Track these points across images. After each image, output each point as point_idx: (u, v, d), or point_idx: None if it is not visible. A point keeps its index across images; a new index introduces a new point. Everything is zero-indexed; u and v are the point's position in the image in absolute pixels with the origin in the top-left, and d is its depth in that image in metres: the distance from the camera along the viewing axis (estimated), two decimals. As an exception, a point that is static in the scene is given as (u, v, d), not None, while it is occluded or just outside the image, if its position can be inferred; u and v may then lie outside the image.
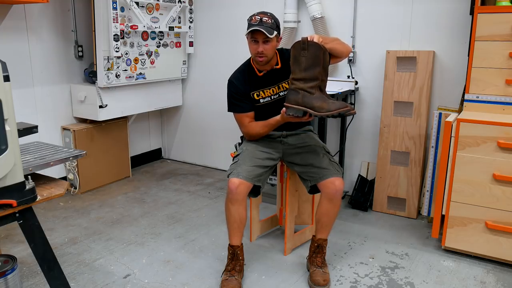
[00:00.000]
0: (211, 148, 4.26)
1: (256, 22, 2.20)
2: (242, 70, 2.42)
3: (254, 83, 2.36)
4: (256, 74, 2.38)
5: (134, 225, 2.99)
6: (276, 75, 2.37)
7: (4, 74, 1.42)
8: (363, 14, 3.23)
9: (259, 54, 2.25)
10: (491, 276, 2.37)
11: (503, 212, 2.35)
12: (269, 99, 2.38)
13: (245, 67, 2.42)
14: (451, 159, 2.44)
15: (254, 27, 2.19)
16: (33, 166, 1.71)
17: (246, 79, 2.37)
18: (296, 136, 2.48)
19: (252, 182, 2.24)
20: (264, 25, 2.19)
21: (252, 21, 2.23)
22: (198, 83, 4.19)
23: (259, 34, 2.21)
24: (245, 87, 2.36)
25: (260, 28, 2.17)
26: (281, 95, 2.38)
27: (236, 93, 2.38)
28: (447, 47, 2.97)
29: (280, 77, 2.37)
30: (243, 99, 2.37)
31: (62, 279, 1.79)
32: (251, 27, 2.20)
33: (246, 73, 2.39)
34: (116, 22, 3.27)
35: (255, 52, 2.26)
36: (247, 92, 2.37)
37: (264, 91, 2.38)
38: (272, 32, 2.21)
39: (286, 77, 2.32)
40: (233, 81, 2.39)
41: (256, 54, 2.26)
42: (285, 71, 2.34)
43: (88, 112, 3.53)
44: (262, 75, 2.37)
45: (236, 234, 2.28)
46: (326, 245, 2.38)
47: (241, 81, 2.38)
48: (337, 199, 2.27)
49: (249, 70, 2.39)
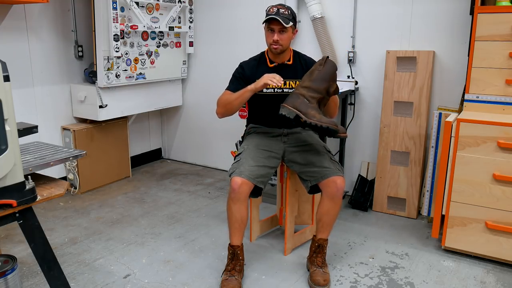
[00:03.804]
0: (211, 148, 4.26)
1: (273, 12, 2.28)
2: (255, 59, 2.50)
3: (263, 72, 2.38)
4: (267, 65, 2.44)
5: (134, 225, 2.99)
6: (285, 70, 2.42)
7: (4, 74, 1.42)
8: (363, 14, 3.23)
9: (274, 43, 2.32)
10: (491, 276, 2.37)
11: (503, 212, 2.36)
12: (272, 90, 2.40)
13: (259, 57, 2.50)
14: (451, 159, 2.44)
15: (271, 16, 2.25)
16: (33, 166, 1.71)
17: (255, 67, 2.44)
18: (297, 135, 2.48)
19: (254, 182, 2.23)
20: (281, 15, 2.26)
21: (269, 11, 2.30)
22: (198, 83, 4.19)
23: (275, 23, 2.28)
24: (253, 72, 2.40)
25: (276, 17, 2.24)
26: (285, 91, 2.41)
27: (238, 74, 2.45)
28: (447, 47, 2.97)
29: (289, 74, 2.42)
30: (241, 81, 2.41)
31: (62, 279, 1.79)
32: (268, 17, 2.27)
33: (258, 61, 2.47)
34: (116, 22, 3.27)
35: (270, 41, 2.33)
36: (252, 78, 2.37)
37: None
38: (288, 22, 2.28)
39: (295, 76, 2.41)
40: (242, 65, 2.49)
41: (272, 43, 2.33)
42: (295, 69, 2.43)
43: (88, 112, 3.53)
44: (272, 66, 2.43)
45: (237, 234, 2.28)
46: (326, 245, 2.38)
47: (250, 66, 2.45)
48: (338, 198, 2.27)
49: (261, 60, 2.47)
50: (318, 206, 2.34)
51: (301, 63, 2.47)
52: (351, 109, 3.35)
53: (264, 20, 2.30)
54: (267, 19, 2.28)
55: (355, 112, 3.35)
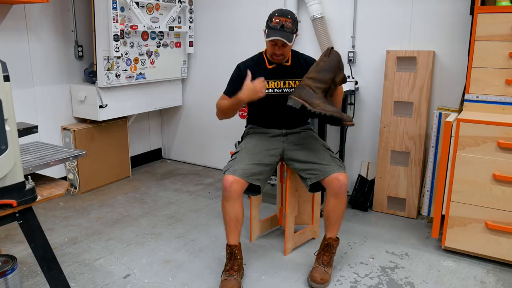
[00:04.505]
0: (211, 148, 4.26)
1: (277, 26, 2.24)
2: (253, 59, 2.49)
3: (262, 73, 2.38)
4: (266, 66, 2.43)
5: (134, 225, 2.99)
6: (284, 70, 2.43)
7: (4, 74, 1.42)
8: (363, 14, 3.23)
9: (276, 55, 2.32)
10: (491, 276, 2.37)
11: (503, 212, 2.35)
12: (271, 91, 2.40)
13: (256, 57, 2.48)
14: (451, 159, 2.44)
15: (275, 36, 2.23)
16: (33, 166, 1.71)
17: (254, 67, 2.41)
18: (296, 135, 2.49)
19: (247, 180, 2.23)
20: (285, 30, 2.23)
21: (272, 23, 2.26)
22: (198, 83, 4.19)
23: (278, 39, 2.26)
24: (252, 73, 2.37)
25: (280, 38, 2.22)
26: (284, 91, 2.42)
27: (236, 76, 2.43)
28: (447, 47, 2.97)
29: (288, 74, 2.42)
30: (237, 83, 2.37)
31: (62, 279, 1.79)
32: (272, 33, 2.24)
33: (256, 62, 2.45)
34: (116, 22, 3.27)
35: (272, 52, 2.33)
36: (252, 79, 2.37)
37: (269, 82, 2.40)
38: (291, 39, 2.26)
39: (293, 76, 2.41)
40: (239, 66, 2.47)
41: (274, 55, 2.33)
42: (293, 70, 2.43)
43: (88, 112, 3.53)
44: (271, 67, 2.42)
45: (233, 233, 2.27)
46: (336, 246, 2.37)
47: (248, 67, 2.40)
48: (342, 195, 2.27)
49: (259, 60, 2.45)
50: (324, 205, 2.34)
51: (300, 62, 2.47)
52: (351, 109, 3.35)
53: (267, 35, 2.28)
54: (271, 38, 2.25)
55: (355, 112, 3.35)
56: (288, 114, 2.40)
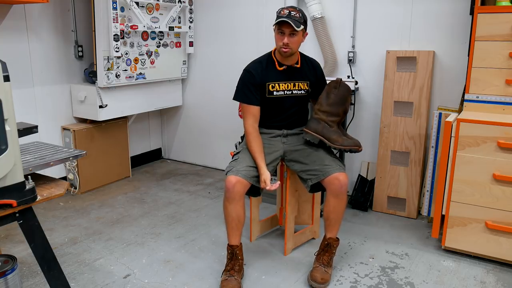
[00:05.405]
0: (211, 148, 4.26)
1: (285, 15, 2.26)
2: (262, 61, 2.45)
3: (273, 75, 2.39)
4: (276, 67, 2.41)
5: (134, 225, 2.99)
6: (294, 72, 2.44)
7: (4, 74, 1.42)
8: (363, 14, 3.23)
9: (284, 46, 2.30)
10: (491, 276, 2.37)
11: (503, 212, 2.35)
12: (282, 93, 2.42)
13: (265, 59, 2.45)
14: (451, 159, 2.44)
15: (282, 19, 2.24)
16: (33, 166, 1.71)
17: (264, 70, 2.40)
18: (297, 136, 2.49)
19: (250, 181, 2.24)
20: (292, 18, 2.25)
21: (281, 14, 2.28)
22: (198, 83, 4.19)
23: (286, 26, 2.26)
24: (263, 77, 2.38)
25: (287, 20, 2.22)
26: (294, 92, 2.43)
27: (249, 83, 2.38)
28: (447, 47, 2.97)
29: (297, 76, 2.44)
30: (254, 90, 2.37)
31: (62, 279, 1.79)
32: (279, 19, 2.25)
33: (266, 64, 2.42)
34: (116, 22, 3.27)
35: (280, 43, 2.31)
36: (263, 82, 2.38)
37: (280, 84, 2.41)
38: (299, 26, 2.26)
39: (303, 78, 2.44)
40: (250, 71, 2.40)
41: (282, 46, 2.31)
42: (303, 72, 2.45)
43: (88, 112, 3.53)
44: (282, 69, 2.41)
45: (235, 233, 2.28)
46: (336, 246, 2.37)
47: (259, 71, 2.39)
48: (343, 195, 2.28)
49: (269, 62, 2.43)
50: (324, 206, 2.34)
51: (308, 66, 2.49)
52: (351, 109, 3.34)
53: (275, 22, 2.28)
54: (278, 21, 2.25)
55: (355, 112, 3.34)
56: (294, 114, 2.47)
